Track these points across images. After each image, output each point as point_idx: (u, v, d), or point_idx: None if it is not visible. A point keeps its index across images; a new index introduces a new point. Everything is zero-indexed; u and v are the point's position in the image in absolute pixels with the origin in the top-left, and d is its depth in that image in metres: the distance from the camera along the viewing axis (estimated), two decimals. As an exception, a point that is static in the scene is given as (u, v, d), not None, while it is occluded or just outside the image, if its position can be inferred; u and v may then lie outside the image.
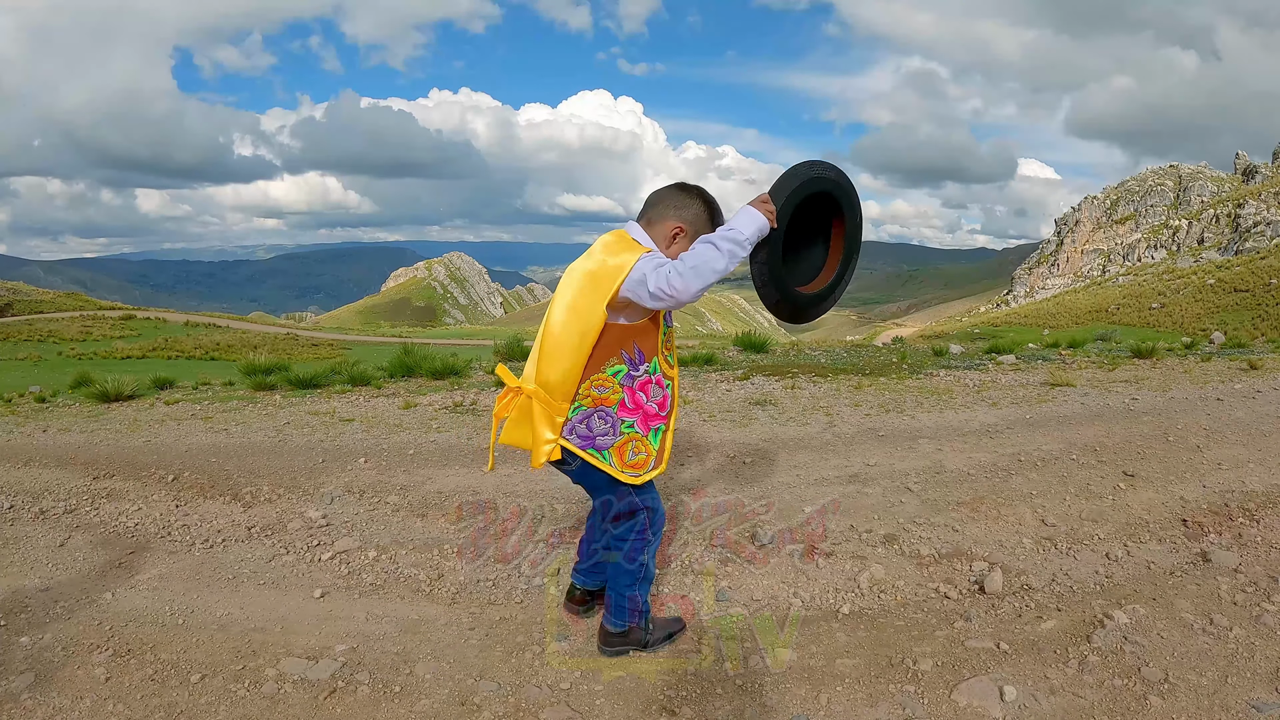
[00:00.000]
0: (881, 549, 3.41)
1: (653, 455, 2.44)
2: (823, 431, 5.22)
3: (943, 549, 3.42)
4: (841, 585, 3.11)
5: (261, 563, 3.47)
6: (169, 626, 2.92)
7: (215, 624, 2.94)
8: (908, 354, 9.25)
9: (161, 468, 4.79)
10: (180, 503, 4.23)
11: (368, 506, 4.03)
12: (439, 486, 4.25)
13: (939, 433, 5.17)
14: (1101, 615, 2.84)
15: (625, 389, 2.36)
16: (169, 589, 3.24)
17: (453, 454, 4.86)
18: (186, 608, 3.07)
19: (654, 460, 2.45)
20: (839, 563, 3.28)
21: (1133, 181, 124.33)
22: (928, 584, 3.16)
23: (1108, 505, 3.93)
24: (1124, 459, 4.57)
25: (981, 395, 6.44)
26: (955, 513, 3.78)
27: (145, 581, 3.32)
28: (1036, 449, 4.76)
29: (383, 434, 5.44)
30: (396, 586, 3.19)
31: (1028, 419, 5.53)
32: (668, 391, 2.45)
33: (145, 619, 2.97)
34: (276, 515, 3.99)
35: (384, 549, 3.51)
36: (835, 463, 4.52)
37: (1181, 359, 8.91)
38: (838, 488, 4.09)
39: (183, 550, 3.65)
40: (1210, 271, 76.62)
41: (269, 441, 5.35)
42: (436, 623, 2.86)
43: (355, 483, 4.38)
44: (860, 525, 3.61)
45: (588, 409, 2.36)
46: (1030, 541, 3.53)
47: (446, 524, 3.75)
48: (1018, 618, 2.89)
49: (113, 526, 3.94)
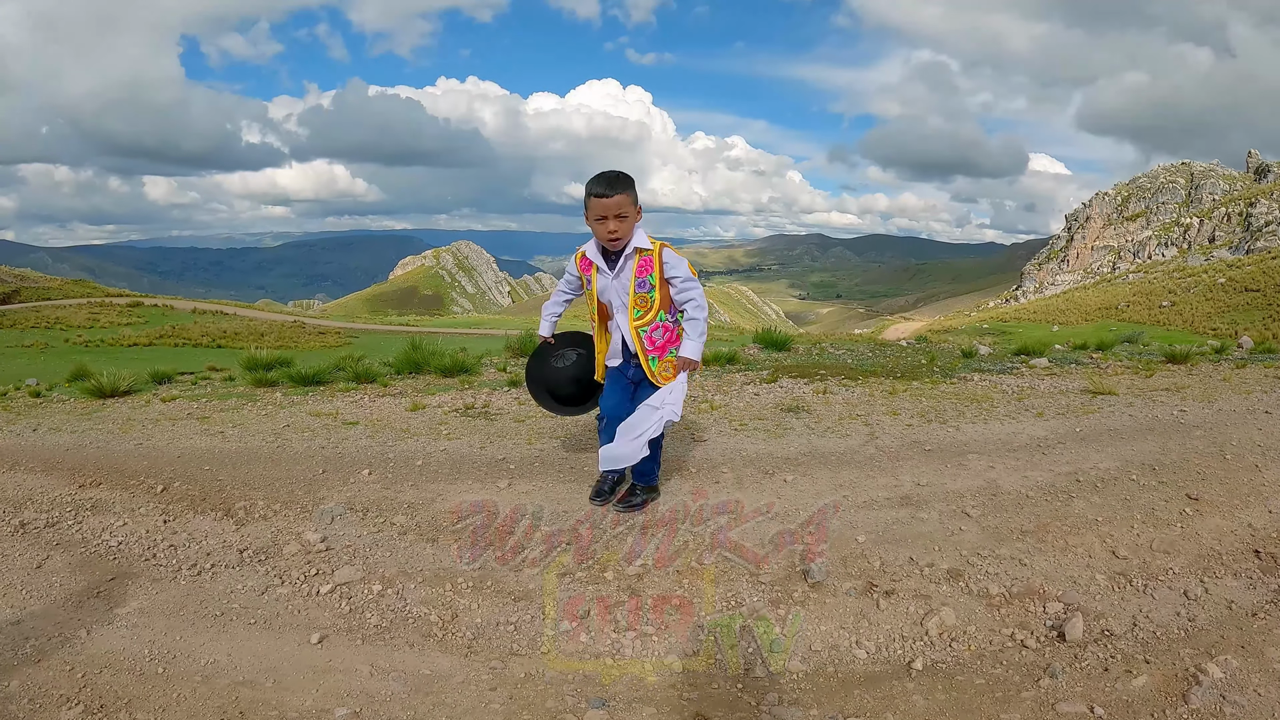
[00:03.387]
0: (946, 586, 3.05)
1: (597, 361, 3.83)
2: (865, 445, 4.86)
3: (1013, 587, 3.07)
4: (908, 632, 2.75)
5: (253, 595, 3.12)
6: (148, 676, 2.57)
7: (199, 674, 2.58)
8: (936, 355, 8.88)
9: (151, 476, 4.46)
10: (169, 518, 3.88)
11: (371, 528, 3.67)
12: (450, 505, 3.89)
13: (988, 447, 4.80)
14: (1194, 669, 2.51)
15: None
16: (150, 627, 2.89)
17: (464, 466, 4.50)
18: (168, 651, 2.72)
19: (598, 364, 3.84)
20: (901, 603, 2.92)
21: (1144, 178, 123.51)
22: (1001, 629, 2.81)
23: (1176, 534, 3.59)
24: (1185, 479, 4.23)
25: (1024, 404, 6.07)
26: (1020, 543, 3.43)
27: (125, 616, 2.96)
28: (1093, 467, 4.41)
29: (389, 440, 5.10)
30: (404, 630, 2.83)
31: (1078, 432, 5.17)
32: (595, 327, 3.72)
33: (122, 665, 2.63)
34: (271, 536, 3.64)
35: (390, 581, 3.15)
36: (883, 482, 4.15)
37: (1215, 364, 8.53)
38: (889, 512, 3.73)
39: (168, 577, 3.29)
40: (1221, 270, 76.02)
41: (267, 447, 5.01)
42: (452, 680, 2.50)
43: (358, 498, 4.03)
44: (920, 557, 3.25)
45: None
46: (1103, 577, 3.18)
47: (459, 550, 3.39)
48: (1104, 672, 2.55)
49: (95, 545, 3.59)
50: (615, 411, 3.72)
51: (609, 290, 3.54)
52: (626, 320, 3.52)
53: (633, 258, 3.47)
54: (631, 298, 3.48)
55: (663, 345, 3.57)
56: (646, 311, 3.50)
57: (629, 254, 3.47)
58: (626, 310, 3.50)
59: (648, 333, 3.53)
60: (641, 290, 3.47)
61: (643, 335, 3.53)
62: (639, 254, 3.47)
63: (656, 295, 3.50)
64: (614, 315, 3.58)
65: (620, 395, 3.74)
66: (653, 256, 3.47)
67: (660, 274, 3.48)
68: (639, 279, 3.47)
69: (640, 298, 3.48)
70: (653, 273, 3.47)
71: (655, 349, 3.56)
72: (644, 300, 3.49)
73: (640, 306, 3.49)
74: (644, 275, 3.47)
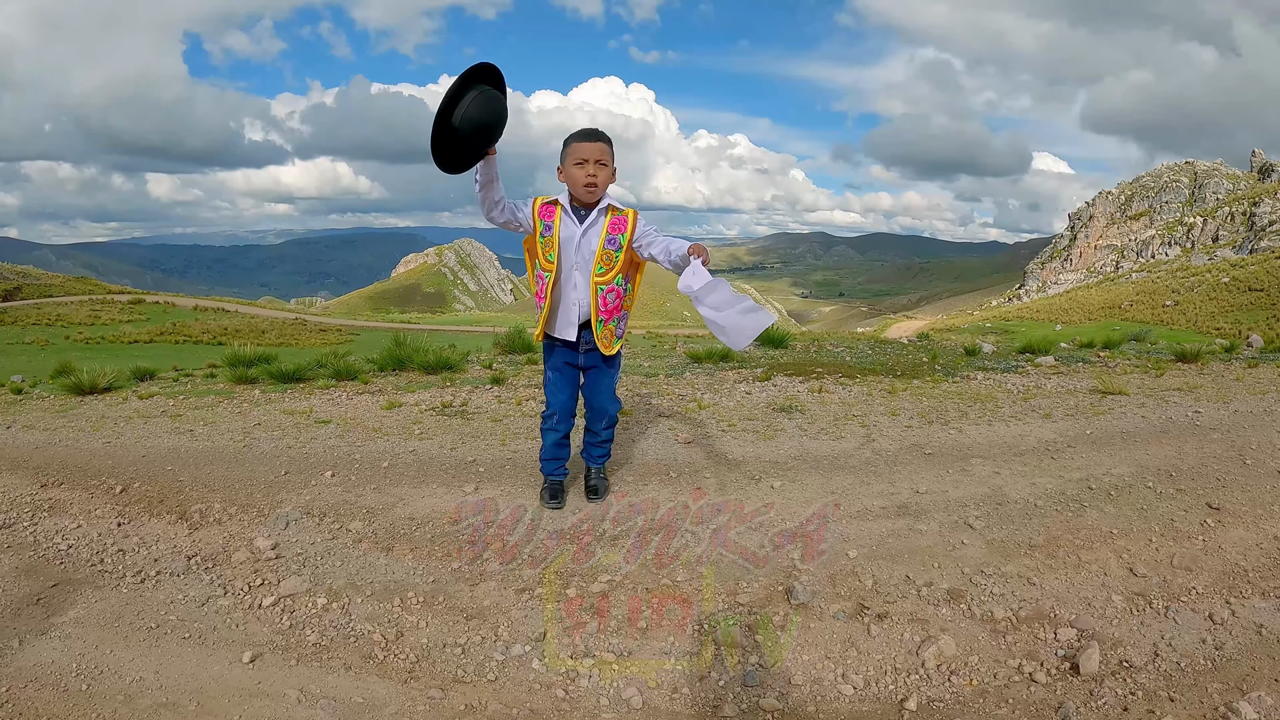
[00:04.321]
0: (946, 609, 2.77)
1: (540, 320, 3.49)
2: (860, 448, 4.56)
3: (1020, 609, 2.79)
4: (902, 663, 2.48)
5: (193, 607, 2.87)
6: (71, 693, 2.37)
7: (122, 693, 2.37)
8: (938, 353, 8.58)
9: (113, 476, 4.21)
10: (123, 520, 3.64)
11: (326, 534, 3.40)
12: (411, 511, 3.62)
13: (992, 451, 4.51)
14: (1224, 708, 2.27)
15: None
16: (83, 638, 2.67)
17: (431, 468, 4.22)
18: (96, 666, 2.51)
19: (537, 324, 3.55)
20: (895, 628, 2.64)
21: (1148, 177, 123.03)
22: (1008, 660, 2.53)
23: (1198, 548, 3.32)
24: (1204, 487, 3.96)
25: (1030, 404, 5.78)
26: (1028, 559, 3.14)
27: (60, 626, 2.75)
28: (1106, 473, 4.13)
29: (358, 440, 4.83)
30: (343, 649, 2.56)
31: (1089, 435, 4.88)
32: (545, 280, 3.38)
33: (48, 679, 2.43)
34: (222, 542, 3.38)
35: (336, 594, 2.88)
36: (879, 488, 3.86)
37: (1226, 363, 8.25)
38: (885, 522, 3.45)
39: (111, 585, 3.06)
40: (1225, 270, 75.62)
41: (233, 447, 4.75)
42: (384, 710, 2.23)
43: (317, 502, 3.76)
44: (917, 575, 2.97)
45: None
46: (1120, 599, 2.91)
47: (414, 561, 3.12)
48: (1124, 712, 2.29)
49: (45, 549, 3.36)
50: (567, 405, 3.64)
51: (572, 242, 3.35)
52: (588, 277, 3.36)
53: (606, 213, 3.34)
54: (599, 252, 3.33)
55: (612, 310, 3.44)
56: (609, 269, 3.36)
57: (603, 208, 3.33)
58: (590, 265, 3.35)
59: (604, 292, 3.39)
60: (610, 248, 3.34)
61: (599, 293, 3.38)
62: (612, 211, 3.34)
63: (622, 257, 3.37)
64: (567, 272, 3.39)
65: (570, 387, 3.63)
66: (627, 217, 3.35)
67: (630, 237, 3.35)
68: (610, 235, 3.33)
69: (607, 254, 3.34)
70: (624, 233, 3.34)
71: (606, 311, 3.42)
72: (609, 259, 3.35)
73: (604, 263, 3.35)
74: (615, 234, 3.34)
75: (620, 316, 3.51)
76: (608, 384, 3.65)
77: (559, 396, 3.62)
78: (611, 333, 3.48)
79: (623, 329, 3.55)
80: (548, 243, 3.36)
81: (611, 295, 3.41)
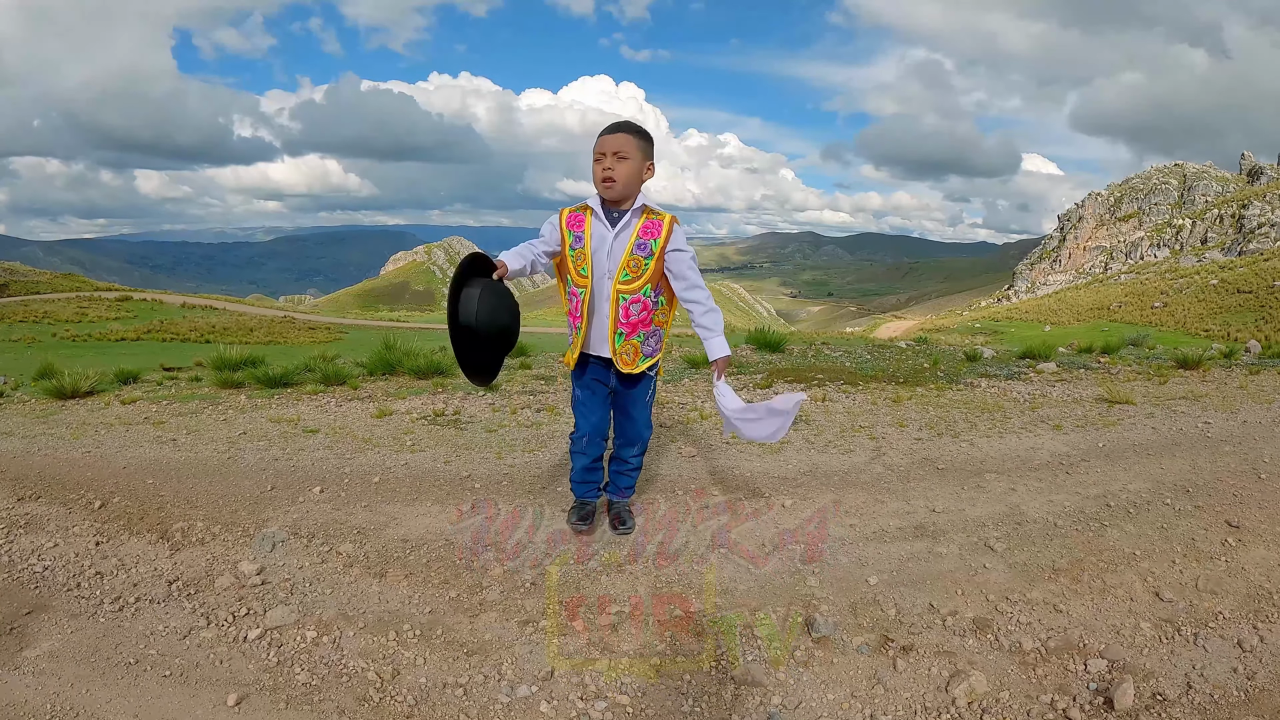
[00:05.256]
0: (973, 640, 2.63)
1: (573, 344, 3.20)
2: (871, 462, 4.42)
3: (1049, 640, 2.65)
4: (931, 701, 2.32)
5: (174, 639, 2.68)
6: None
7: (96, 740, 2.19)
8: (939, 359, 8.45)
9: (92, 489, 4.02)
10: (102, 538, 3.45)
11: (315, 558, 3.21)
12: (404, 532, 3.44)
13: (1006, 465, 4.38)
14: (1260, 743, 2.12)
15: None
16: (58, 674, 2.48)
17: (425, 484, 4.04)
18: (71, 708, 2.32)
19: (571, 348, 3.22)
20: (922, 663, 2.49)
21: (1137, 179, 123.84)
22: (1039, 696, 2.38)
23: (1222, 569, 3.19)
24: (1221, 503, 3.84)
25: (1038, 414, 5.65)
26: (1053, 584, 3.00)
27: (33, 660, 2.55)
28: (1123, 489, 4.01)
29: (348, 451, 4.64)
30: (336, 690, 2.38)
31: (1101, 448, 4.76)
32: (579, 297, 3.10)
33: None
34: (205, 565, 3.20)
35: (326, 626, 2.70)
36: (894, 507, 3.71)
37: (1227, 370, 8.18)
38: (903, 545, 3.29)
39: (88, 613, 2.86)
40: (1213, 272, 76.12)
41: (217, 458, 4.56)
42: (382, 767, 2.07)
43: (305, 521, 3.58)
44: (940, 603, 2.82)
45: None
46: (1149, 626, 2.77)
47: (409, 589, 2.94)
48: (1164, 750, 2.14)
49: (20, 570, 3.16)
50: (599, 427, 3.32)
51: (604, 247, 3.02)
52: (611, 284, 3.04)
53: (639, 215, 3.03)
54: (626, 257, 3.01)
55: (636, 323, 3.11)
56: (636, 278, 3.03)
57: (636, 209, 3.02)
58: (615, 272, 3.02)
59: (627, 302, 3.06)
60: (639, 253, 3.01)
61: (622, 303, 3.06)
62: (647, 214, 3.03)
63: (652, 265, 3.03)
64: (599, 282, 3.07)
65: (602, 408, 3.31)
66: (662, 222, 3.02)
67: (664, 244, 3.03)
68: (640, 240, 3.01)
69: (634, 260, 3.01)
70: (657, 238, 3.01)
71: (629, 324, 3.09)
72: (637, 265, 3.02)
73: (630, 270, 3.02)
74: (647, 238, 3.02)
75: (649, 332, 3.16)
76: (641, 408, 3.33)
77: (589, 418, 3.31)
78: (636, 349, 3.14)
79: (653, 347, 3.21)
80: (579, 255, 3.05)
81: (636, 306, 3.08)
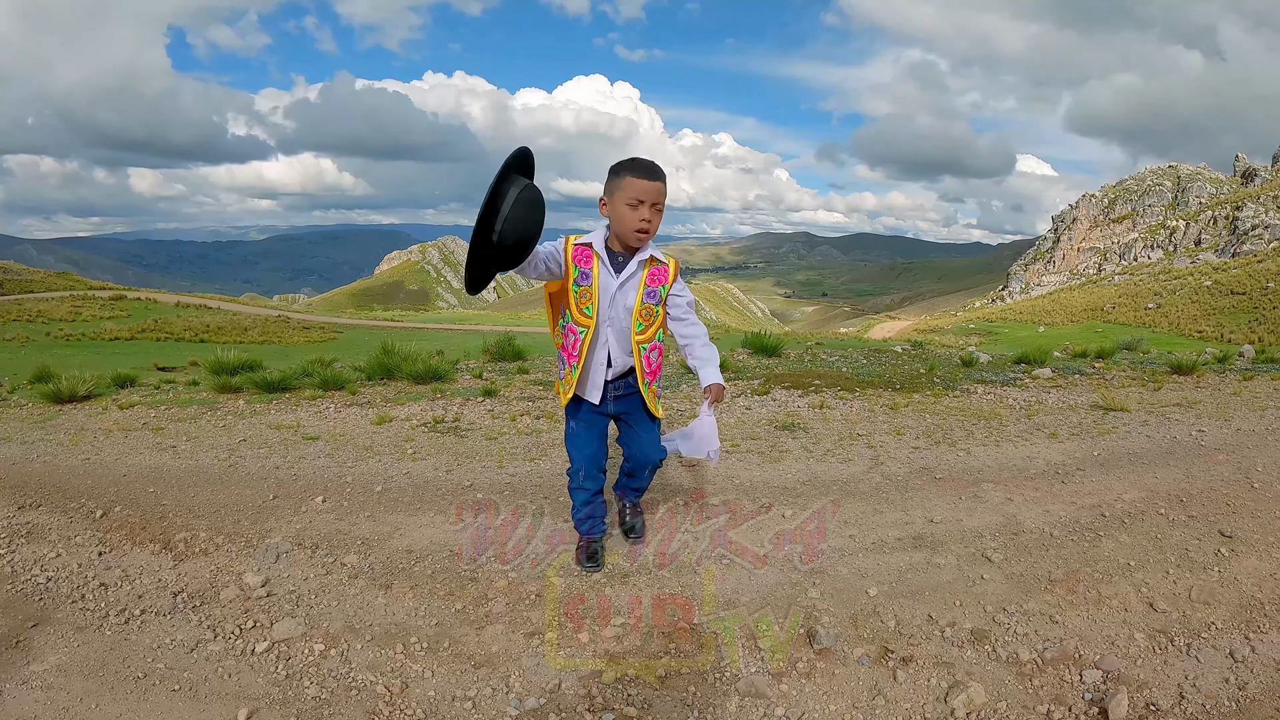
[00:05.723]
0: (971, 651, 2.67)
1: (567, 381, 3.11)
2: (869, 471, 4.46)
3: (1045, 650, 2.69)
4: (931, 712, 2.36)
5: (181, 652, 2.70)
6: None
7: (109, 757, 2.21)
8: (935, 364, 8.50)
9: (93, 498, 4.05)
10: (105, 549, 3.47)
11: (319, 569, 3.24)
12: (409, 542, 3.47)
13: (1003, 474, 4.43)
14: (1250, 754, 2.17)
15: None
16: (65, 689, 2.49)
17: (428, 493, 4.07)
18: (80, 723, 2.32)
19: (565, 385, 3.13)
20: (921, 674, 2.53)
21: (1131, 180, 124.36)
22: (1036, 706, 2.43)
23: (1214, 579, 3.24)
24: (1215, 513, 3.88)
25: (1034, 422, 5.70)
26: (1049, 595, 3.05)
27: (40, 675, 2.56)
28: (1117, 499, 4.05)
29: (349, 459, 4.67)
30: (346, 704, 2.41)
31: (1096, 456, 4.81)
32: (579, 336, 3.00)
33: None
34: (210, 576, 3.22)
35: (334, 639, 2.73)
36: (892, 517, 3.76)
37: (1221, 375, 8.24)
38: (902, 555, 3.34)
39: (93, 625, 2.87)
40: (1207, 273, 76.48)
41: (218, 466, 4.59)
42: (395, 784, 2.10)
43: (308, 531, 3.61)
44: (939, 615, 2.86)
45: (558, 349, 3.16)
46: (1143, 636, 2.82)
47: (415, 601, 2.97)
48: (1157, 761, 2.19)
49: (24, 581, 3.17)
50: (595, 459, 3.25)
51: (608, 294, 2.93)
52: (628, 335, 2.98)
53: (646, 264, 2.94)
54: (638, 308, 2.95)
55: (655, 370, 3.11)
56: (649, 326, 3.01)
57: (643, 258, 2.93)
58: (627, 322, 2.97)
59: (646, 350, 3.03)
60: (649, 301, 2.96)
61: (643, 353, 3.02)
62: (652, 262, 2.96)
63: (661, 310, 3.03)
64: (603, 327, 2.99)
65: (598, 440, 3.24)
66: (668, 268, 2.98)
67: (669, 290, 3.02)
68: (649, 288, 2.95)
69: (646, 309, 2.97)
70: (665, 284, 2.98)
71: (650, 372, 3.08)
72: (649, 314, 2.98)
73: (644, 320, 2.98)
74: (655, 285, 2.96)
75: (660, 375, 3.18)
76: (649, 434, 3.23)
77: (584, 451, 3.22)
78: (654, 394, 3.15)
79: (660, 388, 3.22)
80: (585, 294, 2.93)
81: (655, 354, 3.09)
